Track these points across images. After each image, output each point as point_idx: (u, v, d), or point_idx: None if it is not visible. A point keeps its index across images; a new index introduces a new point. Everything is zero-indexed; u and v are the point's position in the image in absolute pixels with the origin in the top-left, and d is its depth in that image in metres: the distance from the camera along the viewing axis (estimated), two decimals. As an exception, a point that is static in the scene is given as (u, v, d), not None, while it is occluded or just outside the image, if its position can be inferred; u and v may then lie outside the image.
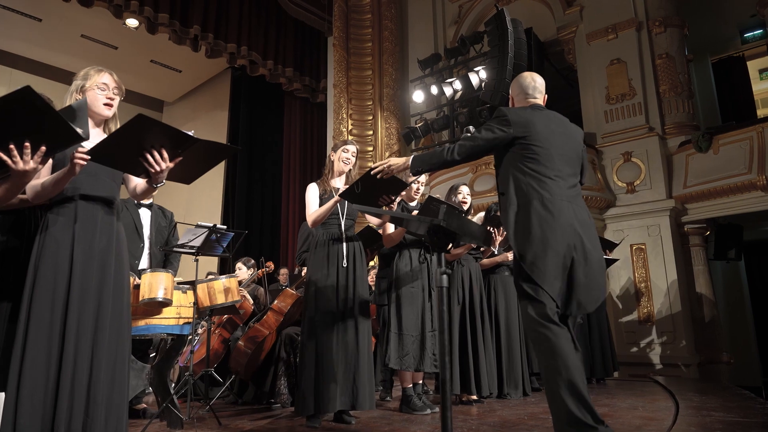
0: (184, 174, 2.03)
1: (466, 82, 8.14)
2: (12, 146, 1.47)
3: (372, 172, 2.44)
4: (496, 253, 4.16)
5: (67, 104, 2.03)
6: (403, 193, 3.49)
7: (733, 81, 9.52)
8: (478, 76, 8.03)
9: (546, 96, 2.40)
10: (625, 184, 6.97)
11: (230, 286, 3.12)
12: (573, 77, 8.52)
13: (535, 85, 2.36)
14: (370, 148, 9.15)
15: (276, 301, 3.85)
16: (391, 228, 3.39)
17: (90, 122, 2.04)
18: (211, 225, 3.03)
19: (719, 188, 6.29)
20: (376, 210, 2.81)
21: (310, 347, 2.99)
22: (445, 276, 1.89)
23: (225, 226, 3.09)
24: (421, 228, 2.03)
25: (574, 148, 2.24)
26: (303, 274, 4.50)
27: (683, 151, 6.73)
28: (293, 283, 5.12)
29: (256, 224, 10.38)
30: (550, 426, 2.80)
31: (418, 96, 8.85)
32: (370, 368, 3.07)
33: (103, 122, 2.11)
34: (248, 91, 11.11)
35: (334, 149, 3.34)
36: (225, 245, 3.22)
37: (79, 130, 1.53)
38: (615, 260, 5.35)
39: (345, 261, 3.11)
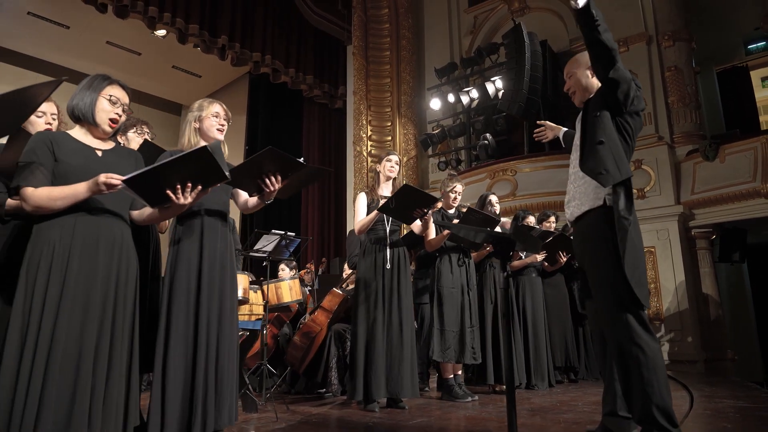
0: (285, 191, 2.41)
1: (483, 91, 8.51)
2: (179, 186, 1.84)
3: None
4: (523, 256, 4.54)
5: (187, 130, 2.42)
6: (439, 204, 3.87)
7: (737, 90, 9.88)
8: (494, 85, 8.40)
9: None
10: (636, 191, 7.34)
11: (294, 286, 3.51)
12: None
13: None
14: (389, 154, 9.51)
15: (325, 300, 4.23)
16: (432, 234, 3.77)
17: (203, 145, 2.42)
18: (283, 232, 3.42)
19: (725, 195, 6.66)
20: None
21: (360, 341, 3.37)
22: (503, 278, 2.27)
23: (294, 233, 3.48)
24: (485, 238, 2.41)
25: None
26: (344, 274, 4.89)
27: (691, 160, 7.11)
28: (321, 282, 5.52)
29: (275, 228, 10.72)
30: (580, 411, 3.19)
31: (435, 103, 9.22)
32: (413, 360, 3.46)
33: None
34: (266, 96, 11.48)
35: (379, 161, 3.73)
36: (292, 250, 3.61)
37: (226, 172, 1.91)
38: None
39: (389, 264, 3.48)
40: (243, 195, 2.46)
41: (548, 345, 4.52)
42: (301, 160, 2.16)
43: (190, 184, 1.86)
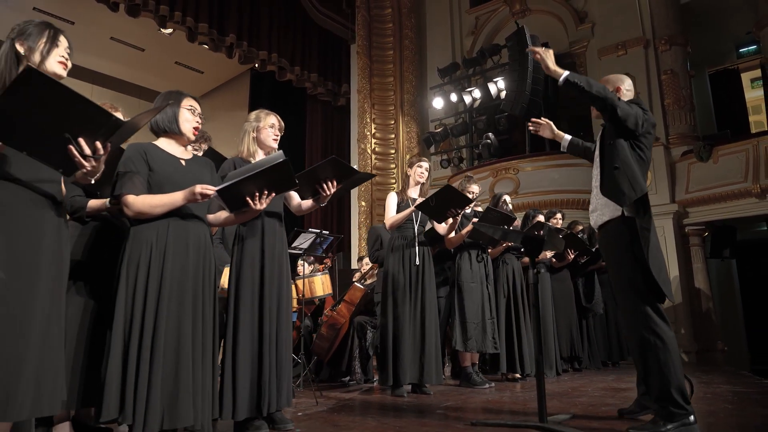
0: (333, 195, 2.65)
1: (485, 91, 8.77)
2: (257, 193, 2.07)
3: (530, 50, 2.61)
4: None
5: (246, 139, 2.64)
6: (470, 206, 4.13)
7: (728, 91, 10.23)
8: (497, 86, 8.67)
9: None
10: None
11: (326, 281, 3.75)
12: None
13: (633, 89, 2.67)
14: (393, 151, 9.77)
15: (347, 294, 4.48)
16: (452, 233, 4.03)
17: (261, 152, 2.65)
18: (318, 231, 3.67)
19: (718, 194, 7.00)
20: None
21: (389, 331, 3.63)
22: (532, 274, 2.54)
23: (328, 232, 3.72)
24: (519, 238, 2.67)
25: None
26: (362, 268, 5.13)
27: (686, 160, 7.44)
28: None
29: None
30: (592, 395, 3.47)
31: (438, 102, 9.47)
32: (438, 349, 3.73)
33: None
34: (268, 92, 11.64)
35: (410, 165, 3.98)
36: (324, 247, 3.85)
37: (296, 181, 2.15)
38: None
39: (417, 260, 3.75)
40: (296, 198, 2.70)
41: (555, 336, 4.81)
42: (356, 167, 2.40)
43: (266, 192, 2.10)
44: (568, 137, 3.05)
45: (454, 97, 9.23)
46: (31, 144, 1.53)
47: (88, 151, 1.56)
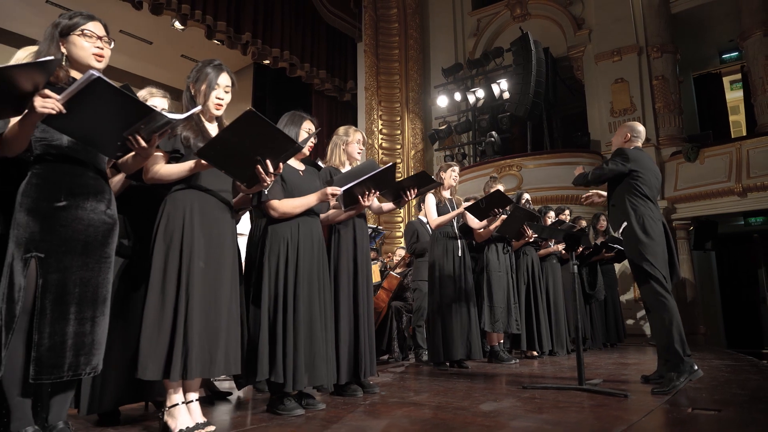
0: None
1: (489, 91, 9.31)
2: (367, 192, 2.57)
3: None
4: (551, 245, 5.39)
5: (336, 151, 3.11)
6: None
7: (711, 93, 10.98)
8: (500, 87, 9.21)
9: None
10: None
11: (376, 270, 4.25)
12: (575, 87, 9.80)
13: (642, 132, 3.38)
14: (399, 147, 10.26)
15: (385, 282, 4.99)
16: (480, 229, 4.56)
17: (348, 163, 3.13)
18: (375, 226, 4.16)
19: (704, 192, 7.69)
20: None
21: (437, 314, 4.16)
22: (572, 265, 3.08)
23: (381, 227, 4.22)
24: (561, 235, 3.21)
25: (659, 178, 3.34)
26: (393, 259, 5.63)
27: (674, 160, 8.10)
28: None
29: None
30: (606, 369, 4.05)
31: (442, 101, 9.98)
32: (478, 327, 4.28)
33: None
34: (273, 86, 12.00)
35: (444, 170, 4.48)
36: (377, 240, 4.35)
37: (395, 183, 2.65)
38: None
39: (460, 252, 4.28)
40: (376, 201, 3.19)
41: (566, 318, 5.41)
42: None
43: (373, 190, 2.60)
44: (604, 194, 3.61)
45: (458, 96, 9.75)
46: (230, 165, 2.00)
47: (272, 169, 2.04)
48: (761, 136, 7.45)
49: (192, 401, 2.04)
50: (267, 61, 9.55)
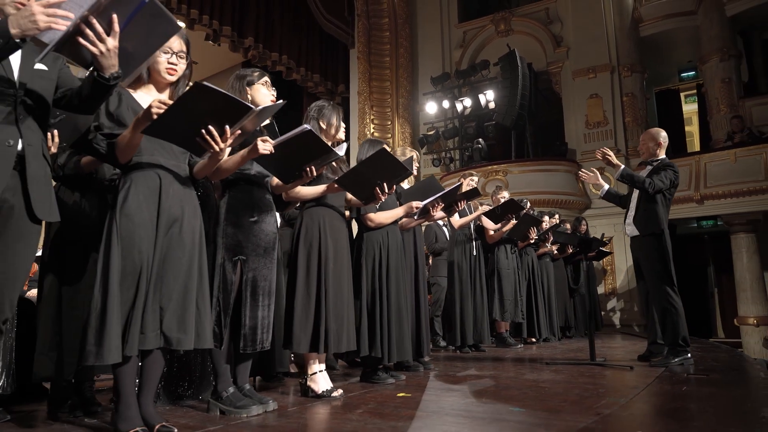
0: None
1: (476, 100, 10.07)
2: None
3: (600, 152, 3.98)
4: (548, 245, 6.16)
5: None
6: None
7: (670, 107, 12.15)
8: (486, 97, 9.98)
9: None
10: (597, 192, 9.23)
11: (406, 267, 4.89)
12: (551, 97, 10.68)
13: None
14: (389, 149, 10.87)
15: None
16: (492, 231, 5.28)
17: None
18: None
19: (667, 199, 8.67)
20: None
21: (455, 303, 4.84)
22: (582, 263, 3.82)
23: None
24: (571, 240, 3.95)
25: None
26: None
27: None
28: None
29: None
30: (600, 350, 4.83)
31: (431, 107, 10.68)
32: (486, 317, 4.99)
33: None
34: (266, 86, 12.36)
35: (464, 178, 5.16)
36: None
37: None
38: (609, 253, 7.59)
39: (474, 251, 4.98)
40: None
41: (558, 309, 6.21)
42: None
43: (440, 203, 3.26)
44: (606, 186, 4.24)
45: (446, 104, 10.47)
46: (358, 189, 2.61)
47: (387, 191, 2.65)
48: (716, 151, 8.50)
49: (323, 370, 2.64)
50: (267, 64, 9.95)
